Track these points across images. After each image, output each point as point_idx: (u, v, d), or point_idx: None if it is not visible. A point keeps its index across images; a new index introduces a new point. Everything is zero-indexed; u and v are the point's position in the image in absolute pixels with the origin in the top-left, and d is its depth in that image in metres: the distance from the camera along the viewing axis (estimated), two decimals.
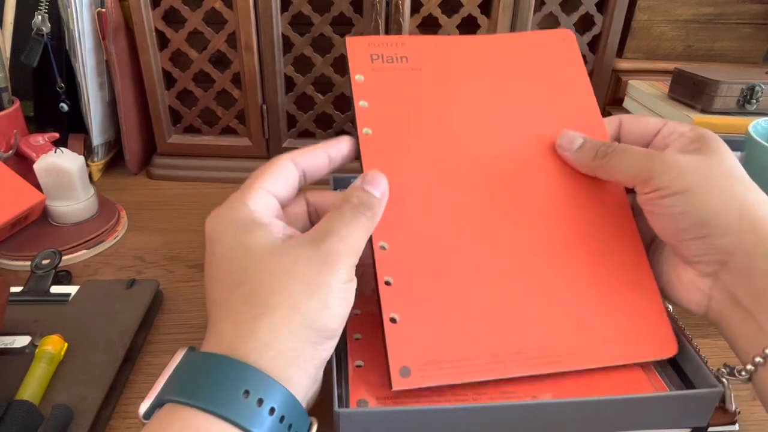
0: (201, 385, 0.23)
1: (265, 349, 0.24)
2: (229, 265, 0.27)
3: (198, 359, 0.24)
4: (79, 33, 0.56)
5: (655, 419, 0.28)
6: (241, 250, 0.27)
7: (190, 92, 0.62)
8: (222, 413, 0.22)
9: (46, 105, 0.62)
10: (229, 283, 0.26)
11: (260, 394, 0.23)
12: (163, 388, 0.24)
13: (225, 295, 0.26)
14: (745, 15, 0.67)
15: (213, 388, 0.23)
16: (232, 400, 0.22)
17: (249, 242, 0.27)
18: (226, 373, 0.23)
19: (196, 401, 0.22)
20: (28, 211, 0.47)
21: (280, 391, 0.23)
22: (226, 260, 0.27)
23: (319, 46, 0.59)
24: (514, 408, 0.27)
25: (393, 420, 0.26)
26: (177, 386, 0.23)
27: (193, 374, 0.24)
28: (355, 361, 0.30)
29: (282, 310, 0.25)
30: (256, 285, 0.26)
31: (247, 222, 0.28)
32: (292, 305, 0.25)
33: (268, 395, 0.23)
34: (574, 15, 0.61)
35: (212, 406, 0.22)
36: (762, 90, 0.51)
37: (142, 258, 0.49)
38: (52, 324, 0.37)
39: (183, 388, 0.23)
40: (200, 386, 0.23)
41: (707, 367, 0.29)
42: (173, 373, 0.25)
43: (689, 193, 0.28)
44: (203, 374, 0.23)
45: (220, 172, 0.64)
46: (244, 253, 0.27)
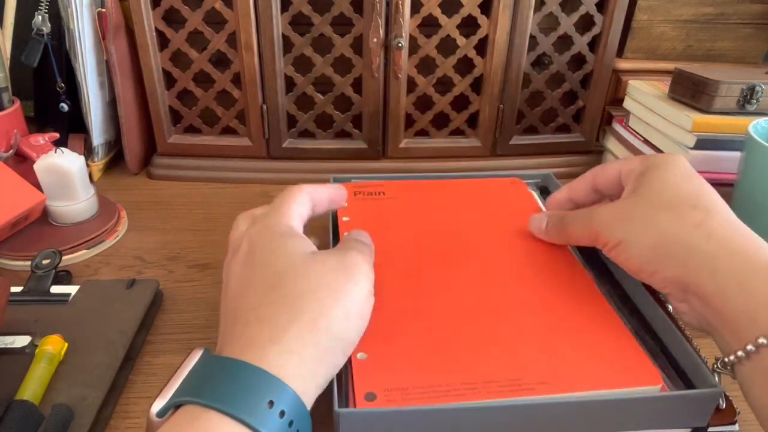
0: (228, 391, 0.23)
1: (291, 357, 0.24)
2: (265, 269, 0.28)
3: (224, 364, 0.24)
4: (79, 33, 0.56)
5: (655, 419, 0.28)
6: (280, 258, 0.29)
7: (190, 92, 0.62)
8: (249, 421, 0.22)
9: (46, 105, 0.62)
10: (263, 288, 0.27)
11: (282, 405, 0.23)
12: (182, 388, 0.24)
13: (257, 300, 0.27)
14: (745, 15, 0.67)
15: (241, 395, 0.23)
16: (258, 409, 0.22)
17: (288, 250, 0.29)
18: (254, 381, 0.23)
19: (222, 405, 0.22)
20: (28, 211, 0.47)
21: (299, 405, 0.24)
22: (263, 265, 0.28)
23: (319, 46, 0.59)
24: (514, 407, 0.27)
25: (393, 420, 0.26)
26: (201, 389, 0.23)
27: (219, 379, 0.23)
28: (357, 353, 0.29)
29: (310, 315, 0.26)
30: (288, 290, 0.27)
31: (287, 232, 0.30)
32: (319, 311, 0.26)
33: (289, 407, 0.23)
34: (574, 15, 0.61)
35: (240, 413, 0.22)
36: (762, 90, 0.51)
37: (142, 258, 0.49)
38: (52, 324, 0.37)
39: (209, 392, 0.23)
40: (228, 392, 0.23)
41: (707, 367, 0.29)
42: (193, 375, 0.24)
43: (625, 243, 0.31)
44: (230, 380, 0.23)
45: (220, 172, 0.64)
46: (282, 260, 0.28)
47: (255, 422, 0.22)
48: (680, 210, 0.30)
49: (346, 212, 0.43)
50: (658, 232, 0.30)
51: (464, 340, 0.31)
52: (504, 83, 0.63)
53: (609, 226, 0.32)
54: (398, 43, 0.58)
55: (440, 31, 0.59)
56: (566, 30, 0.62)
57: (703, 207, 0.30)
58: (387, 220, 0.43)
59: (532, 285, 0.35)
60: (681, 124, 0.54)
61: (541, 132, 0.68)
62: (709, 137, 0.52)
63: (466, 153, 0.66)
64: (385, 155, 0.66)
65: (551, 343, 0.31)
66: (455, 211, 0.44)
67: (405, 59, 0.60)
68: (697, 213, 0.29)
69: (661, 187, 0.31)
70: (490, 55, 0.61)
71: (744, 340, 0.26)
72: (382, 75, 0.60)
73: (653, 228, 0.30)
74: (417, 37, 0.59)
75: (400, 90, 0.61)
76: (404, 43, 0.58)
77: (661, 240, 0.29)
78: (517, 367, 0.29)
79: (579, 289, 0.35)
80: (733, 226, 0.29)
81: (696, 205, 0.30)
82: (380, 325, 0.31)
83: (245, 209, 0.35)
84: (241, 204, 0.59)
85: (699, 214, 0.29)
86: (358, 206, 0.44)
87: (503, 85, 0.63)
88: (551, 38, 0.62)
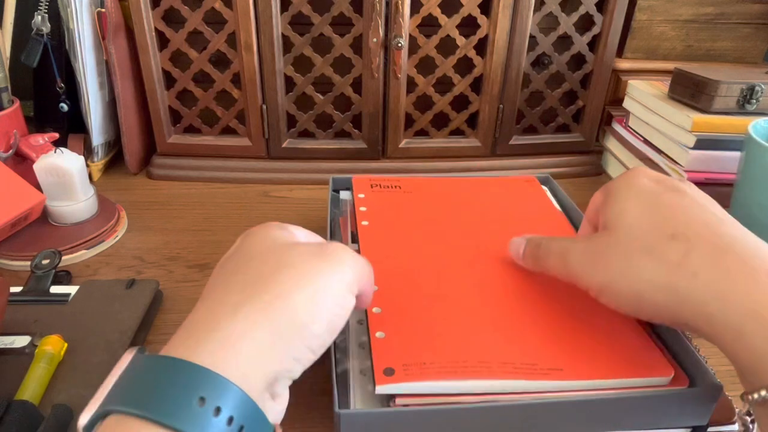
0: (150, 392, 0.20)
1: (232, 345, 0.22)
2: (239, 257, 0.26)
3: (147, 362, 0.21)
4: (79, 33, 0.56)
5: (655, 418, 0.28)
6: (259, 245, 0.26)
7: (190, 92, 0.62)
8: (173, 424, 0.19)
9: (46, 105, 0.62)
10: (228, 274, 0.25)
11: (217, 401, 0.20)
12: (107, 396, 0.21)
13: (218, 288, 0.25)
14: (745, 15, 0.67)
15: (163, 395, 0.20)
16: (185, 409, 0.19)
17: (273, 239, 0.27)
18: (179, 377, 0.20)
19: (144, 411, 0.19)
20: (28, 211, 0.47)
21: (238, 397, 0.21)
22: (240, 254, 0.27)
23: (319, 46, 0.59)
24: (515, 407, 0.27)
25: (393, 420, 0.26)
26: (122, 394, 0.21)
27: (141, 380, 0.21)
28: (376, 332, 0.30)
29: (266, 296, 0.23)
30: (250, 274, 0.25)
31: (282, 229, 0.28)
32: (277, 292, 0.23)
33: (226, 402, 0.20)
34: (574, 15, 0.61)
35: (162, 416, 0.19)
36: (762, 90, 0.51)
37: (142, 258, 0.49)
38: (52, 324, 0.37)
39: (129, 396, 0.20)
40: (149, 393, 0.20)
41: (707, 366, 0.29)
42: (119, 380, 0.22)
43: (607, 289, 0.28)
44: (153, 380, 0.20)
45: (220, 172, 0.64)
46: (260, 246, 0.26)
47: (181, 424, 0.19)
48: (657, 246, 0.26)
49: (362, 203, 0.43)
50: (638, 280, 0.26)
51: (481, 324, 0.31)
52: (504, 83, 0.63)
53: (585, 271, 0.29)
54: (398, 43, 0.58)
55: (440, 31, 0.59)
56: (566, 30, 0.62)
57: (681, 234, 0.26)
58: (404, 211, 0.43)
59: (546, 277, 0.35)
60: (681, 124, 0.54)
61: (540, 132, 0.68)
62: (709, 137, 0.52)
63: (466, 153, 0.66)
64: (385, 155, 0.66)
65: (565, 332, 0.31)
66: (471, 207, 0.44)
67: (405, 59, 0.60)
68: (676, 245, 0.26)
69: (628, 223, 0.28)
70: (490, 55, 0.61)
71: (754, 384, 0.23)
72: (382, 75, 0.60)
73: (632, 275, 0.27)
74: (417, 37, 0.59)
75: (400, 90, 0.61)
76: (404, 43, 0.58)
77: (643, 288, 0.26)
78: (532, 352, 0.29)
79: None
80: (719, 253, 0.25)
81: (674, 235, 0.26)
82: (398, 306, 0.31)
83: (245, 209, 0.35)
84: (241, 204, 0.59)
85: (678, 246, 0.26)
86: (375, 197, 0.44)
87: (503, 85, 0.63)
88: (551, 38, 0.62)
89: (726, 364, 0.37)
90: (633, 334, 0.31)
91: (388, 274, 0.35)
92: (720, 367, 0.36)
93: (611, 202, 0.30)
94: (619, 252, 0.28)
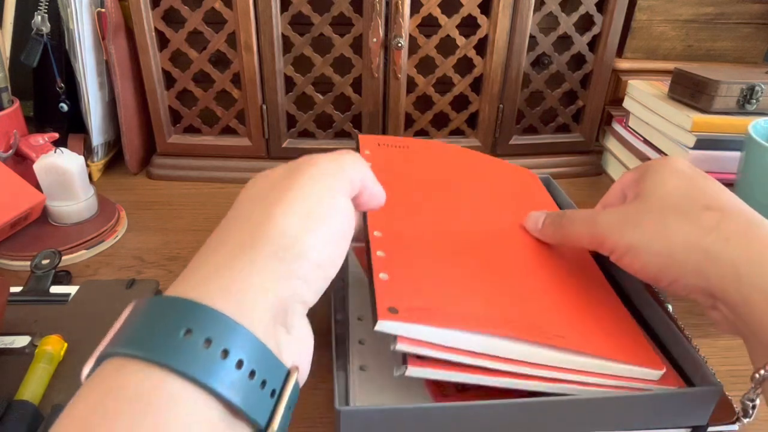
0: (147, 333, 0.19)
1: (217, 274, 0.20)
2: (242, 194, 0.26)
3: (146, 305, 0.20)
4: (79, 33, 0.56)
5: (655, 418, 0.28)
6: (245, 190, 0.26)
7: (190, 92, 0.62)
8: (177, 366, 0.17)
9: (46, 105, 0.62)
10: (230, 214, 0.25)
11: (224, 343, 0.18)
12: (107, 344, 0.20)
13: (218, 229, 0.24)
14: (745, 15, 0.67)
15: (150, 332, 0.19)
16: (187, 350, 0.18)
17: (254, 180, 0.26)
18: (167, 312, 0.19)
19: (143, 351, 0.18)
20: (28, 211, 0.47)
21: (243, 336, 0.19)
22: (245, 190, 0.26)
23: (319, 46, 0.59)
24: (514, 406, 0.27)
25: (393, 418, 0.26)
26: (119, 337, 0.20)
27: (139, 322, 0.20)
28: (379, 273, 0.28)
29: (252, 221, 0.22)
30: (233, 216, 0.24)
31: None
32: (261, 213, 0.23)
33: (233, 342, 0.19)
34: (574, 15, 0.61)
35: (163, 356, 0.18)
36: (762, 90, 0.51)
37: (142, 258, 0.49)
38: (52, 324, 0.37)
39: (126, 338, 0.19)
40: (146, 333, 0.19)
41: (707, 366, 0.29)
42: (120, 325, 0.21)
43: (635, 249, 0.29)
44: (150, 320, 0.19)
45: (220, 172, 0.64)
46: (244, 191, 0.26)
47: (188, 367, 0.17)
48: (693, 213, 0.28)
49: (369, 159, 0.41)
50: (672, 239, 0.27)
51: (487, 283, 0.30)
52: (504, 83, 0.63)
53: (615, 231, 0.29)
54: (398, 43, 0.58)
55: (440, 31, 0.59)
56: (566, 30, 0.62)
57: (716, 207, 0.27)
58: (410, 169, 0.41)
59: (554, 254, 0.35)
60: (681, 124, 0.54)
61: (540, 132, 0.68)
62: (709, 137, 0.52)
63: None
64: None
65: (569, 306, 0.31)
66: (479, 177, 0.43)
67: (405, 59, 0.60)
68: (712, 214, 0.27)
69: (667, 191, 0.29)
70: (490, 55, 0.61)
71: None
72: (382, 75, 0.60)
73: (666, 234, 0.27)
74: (417, 37, 0.59)
75: (400, 90, 0.61)
76: (404, 43, 0.58)
77: (676, 247, 0.27)
78: (537, 315, 0.29)
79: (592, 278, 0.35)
80: (751, 226, 0.27)
81: (708, 206, 0.28)
82: (403, 254, 0.30)
83: None
84: None
85: (713, 215, 0.27)
86: (381, 154, 0.42)
87: (503, 85, 0.63)
88: (551, 38, 0.62)
89: (726, 364, 0.37)
90: (631, 329, 0.31)
91: (393, 225, 0.32)
92: (720, 367, 0.36)
93: (649, 176, 0.31)
94: (654, 214, 0.29)
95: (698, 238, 0.27)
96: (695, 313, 0.42)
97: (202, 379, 0.18)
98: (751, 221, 0.27)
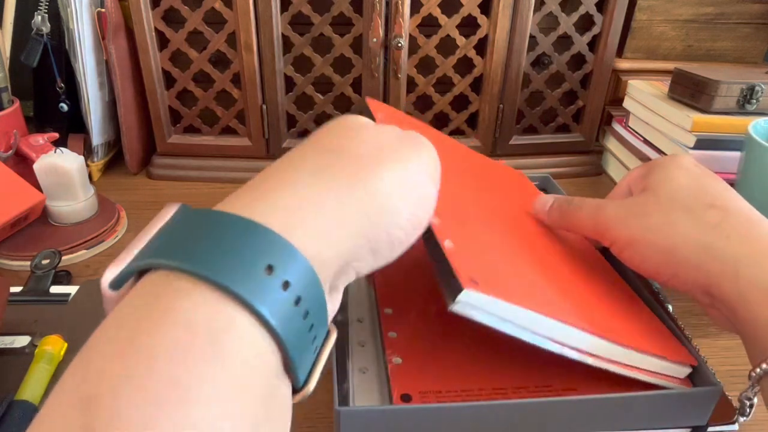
0: (210, 249, 0.16)
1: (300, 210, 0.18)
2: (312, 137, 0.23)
3: (202, 217, 0.17)
4: (79, 33, 0.56)
5: (654, 418, 0.28)
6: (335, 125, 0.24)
7: (190, 92, 0.62)
8: (237, 290, 0.15)
9: (46, 105, 0.62)
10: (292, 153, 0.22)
11: (286, 274, 0.16)
12: (145, 251, 0.17)
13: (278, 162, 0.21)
14: (745, 15, 0.67)
15: (226, 253, 0.16)
16: (251, 275, 0.16)
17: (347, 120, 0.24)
18: (245, 237, 0.17)
19: (202, 268, 0.15)
20: (28, 211, 0.47)
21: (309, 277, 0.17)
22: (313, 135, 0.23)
23: (319, 46, 0.59)
24: (515, 406, 0.27)
25: (393, 419, 0.26)
26: (171, 247, 0.17)
27: (197, 235, 0.17)
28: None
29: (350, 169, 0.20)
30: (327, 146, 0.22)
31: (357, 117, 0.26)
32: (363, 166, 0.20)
33: (297, 278, 0.17)
34: (574, 15, 0.61)
35: (223, 277, 0.15)
36: (762, 90, 0.51)
37: None
38: (52, 324, 0.37)
39: (182, 250, 0.16)
40: (208, 250, 0.16)
41: (707, 366, 0.29)
42: (162, 234, 0.18)
43: (637, 243, 0.29)
44: (213, 236, 0.17)
45: (220, 172, 0.64)
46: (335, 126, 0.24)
47: (245, 292, 0.15)
48: (697, 210, 0.28)
49: None
50: (674, 234, 0.28)
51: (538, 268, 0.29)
52: (504, 83, 0.63)
53: (620, 222, 0.29)
54: (398, 43, 0.58)
55: (440, 31, 0.59)
56: (566, 30, 0.62)
57: (720, 205, 0.28)
58: None
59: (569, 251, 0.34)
60: (681, 124, 0.54)
61: (540, 132, 0.68)
62: (709, 137, 0.52)
63: None
64: None
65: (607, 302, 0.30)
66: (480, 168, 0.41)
67: (405, 59, 0.60)
68: (715, 212, 0.27)
69: (673, 187, 0.29)
70: (490, 55, 0.61)
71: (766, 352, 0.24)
72: (382, 75, 0.60)
73: (669, 228, 0.28)
74: (417, 37, 0.59)
75: (400, 90, 0.61)
76: (404, 43, 0.58)
77: (678, 242, 0.27)
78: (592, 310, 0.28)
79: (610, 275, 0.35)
80: (753, 225, 0.27)
81: (712, 204, 0.28)
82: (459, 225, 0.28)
83: None
84: None
85: (716, 213, 0.27)
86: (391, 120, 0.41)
87: (503, 85, 0.63)
88: (551, 38, 0.62)
89: (726, 364, 0.37)
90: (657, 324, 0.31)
91: None
92: (720, 367, 0.36)
93: (656, 172, 0.31)
94: (659, 209, 0.29)
95: (700, 234, 0.27)
96: (695, 313, 0.42)
97: (277, 327, 0.16)
98: (752, 220, 0.27)
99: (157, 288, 0.16)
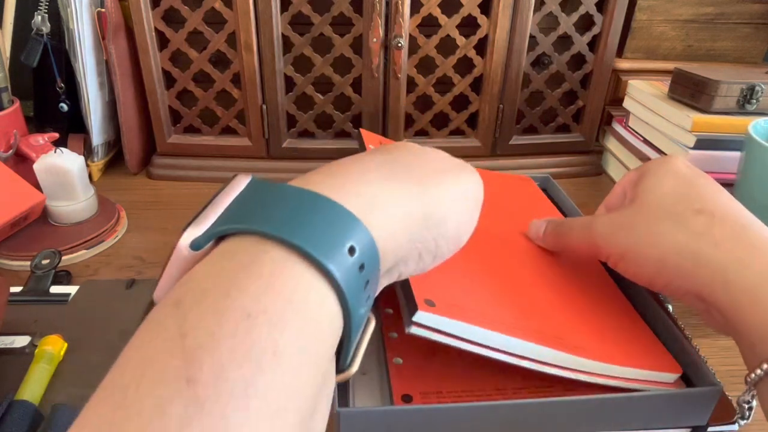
0: (302, 221, 0.17)
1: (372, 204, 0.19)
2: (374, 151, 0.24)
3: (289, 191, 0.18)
4: (79, 33, 0.56)
5: (655, 418, 0.28)
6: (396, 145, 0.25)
7: (190, 92, 0.62)
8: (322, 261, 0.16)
9: (46, 105, 0.62)
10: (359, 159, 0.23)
11: (363, 257, 0.18)
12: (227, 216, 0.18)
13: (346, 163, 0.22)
14: (745, 15, 0.67)
15: (318, 228, 0.17)
16: (337, 252, 0.17)
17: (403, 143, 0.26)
18: (331, 216, 0.18)
19: (297, 239, 0.16)
20: (28, 211, 0.47)
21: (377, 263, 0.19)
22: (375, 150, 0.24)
23: (319, 46, 0.59)
24: (514, 407, 0.27)
25: (393, 420, 0.26)
26: (264, 215, 0.17)
27: (283, 206, 0.17)
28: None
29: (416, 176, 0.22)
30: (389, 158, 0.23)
31: None
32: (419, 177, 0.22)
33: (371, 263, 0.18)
34: (574, 15, 0.61)
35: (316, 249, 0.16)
36: (762, 90, 0.51)
37: (142, 258, 0.49)
38: (52, 324, 0.37)
39: (275, 219, 0.17)
40: (301, 221, 0.17)
41: (707, 366, 0.29)
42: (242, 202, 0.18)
43: (628, 255, 0.29)
44: (301, 210, 0.17)
45: (220, 172, 0.64)
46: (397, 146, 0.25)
47: (337, 272, 0.16)
48: (683, 217, 0.28)
49: None
50: (662, 243, 0.28)
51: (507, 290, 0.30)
52: (504, 83, 0.63)
53: (609, 237, 0.30)
54: (398, 43, 0.58)
55: (440, 31, 0.59)
56: (566, 30, 0.62)
57: (707, 211, 0.28)
58: None
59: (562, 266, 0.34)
60: (681, 124, 0.54)
61: (540, 132, 0.68)
62: (709, 137, 0.52)
63: (466, 153, 0.66)
64: None
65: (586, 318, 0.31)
66: None
67: (405, 59, 0.60)
68: (702, 218, 0.28)
69: (660, 194, 0.30)
70: (490, 55, 0.61)
71: (760, 357, 0.24)
72: (382, 75, 0.60)
73: (657, 239, 0.28)
74: (417, 37, 0.59)
75: (400, 90, 0.61)
76: (404, 43, 0.58)
77: (666, 251, 0.28)
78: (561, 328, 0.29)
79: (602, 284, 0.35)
80: (741, 229, 0.27)
81: (700, 210, 0.28)
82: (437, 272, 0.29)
83: None
84: None
85: (703, 219, 0.27)
86: None
87: (503, 85, 0.63)
88: (551, 38, 0.62)
89: (726, 364, 0.37)
90: (643, 333, 0.32)
91: None
92: (720, 367, 0.36)
93: (646, 178, 0.31)
94: (647, 218, 0.29)
95: (688, 242, 0.27)
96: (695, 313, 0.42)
97: (352, 310, 0.17)
98: (741, 224, 0.27)
99: (249, 254, 0.16)
